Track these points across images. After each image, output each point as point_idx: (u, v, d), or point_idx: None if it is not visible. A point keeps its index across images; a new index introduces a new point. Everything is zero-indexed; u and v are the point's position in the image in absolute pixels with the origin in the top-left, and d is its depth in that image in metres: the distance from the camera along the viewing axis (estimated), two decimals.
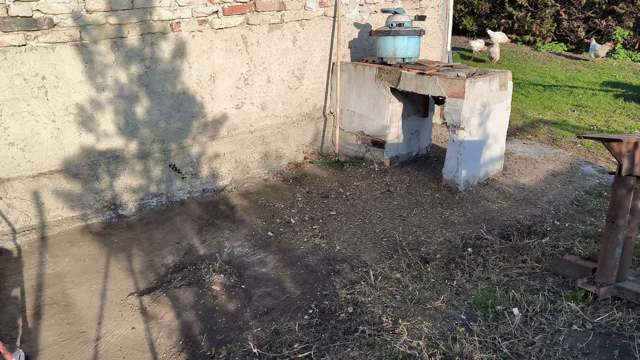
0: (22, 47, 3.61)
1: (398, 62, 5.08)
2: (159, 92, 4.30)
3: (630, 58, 10.53)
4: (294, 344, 2.71)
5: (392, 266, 3.51)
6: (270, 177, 5.08)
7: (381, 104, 5.13)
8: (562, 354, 2.42)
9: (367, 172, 5.19)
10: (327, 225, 4.14)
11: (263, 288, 3.32)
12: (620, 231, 2.77)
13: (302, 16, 5.10)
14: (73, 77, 3.86)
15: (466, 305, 2.92)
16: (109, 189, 4.20)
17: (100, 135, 4.10)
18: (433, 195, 4.68)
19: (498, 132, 4.97)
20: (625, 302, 2.80)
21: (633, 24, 11.08)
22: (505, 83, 4.85)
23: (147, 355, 2.73)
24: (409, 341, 2.58)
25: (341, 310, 3.00)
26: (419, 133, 5.56)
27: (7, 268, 3.52)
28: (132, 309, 3.10)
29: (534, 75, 9.32)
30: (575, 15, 11.70)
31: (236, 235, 3.98)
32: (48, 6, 3.64)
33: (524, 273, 3.27)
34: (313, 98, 5.45)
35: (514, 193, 4.72)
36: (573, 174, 5.17)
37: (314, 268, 3.55)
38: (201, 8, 4.36)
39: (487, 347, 2.51)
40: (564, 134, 6.26)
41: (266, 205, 4.48)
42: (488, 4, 12.71)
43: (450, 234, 3.99)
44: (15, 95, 3.67)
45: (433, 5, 6.38)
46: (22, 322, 2.97)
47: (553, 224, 4.00)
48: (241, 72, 4.77)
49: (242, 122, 4.90)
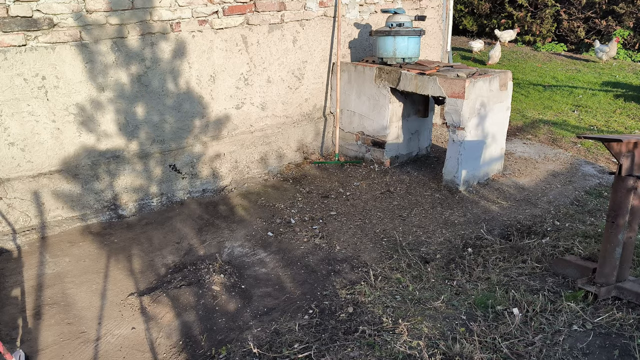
0: (22, 47, 3.61)
1: (398, 62, 5.08)
2: (159, 92, 4.30)
3: (630, 58, 10.54)
4: (294, 344, 2.71)
5: (392, 266, 3.50)
6: (270, 177, 5.08)
7: (381, 104, 5.13)
8: (562, 354, 2.42)
9: (367, 172, 5.19)
10: (327, 225, 4.14)
11: (263, 288, 3.32)
12: (621, 231, 2.77)
13: (302, 16, 5.10)
14: (73, 77, 3.86)
15: (466, 305, 2.92)
16: (109, 189, 4.20)
17: (100, 135, 4.11)
18: (433, 196, 4.68)
19: (498, 132, 4.97)
20: (625, 302, 2.80)
21: (633, 24, 11.08)
22: (505, 83, 4.85)
23: (147, 355, 2.73)
24: (409, 341, 2.58)
25: (341, 310, 3.00)
26: (419, 133, 5.56)
27: (7, 268, 3.52)
28: (132, 309, 3.10)
29: (534, 76, 9.32)
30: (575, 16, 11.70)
31: (236, 236, 3.98)
32: (48, 6, 3.64)
33: (524, 273, 3.27)
34: (313, 98, 5.45)
35: (514, 193, 4.72)
36: (573, 174, 5.17)
37: (314, 268, 3.55)
38: (201, 8, 4.36)
39: (487, 347, 2.51)
40: (564, 134, 6.26)
41: (266, 206, 4.48)
42: (488, 4, 12.71)
43: (450, 234, 3.99)
44: (16, 96, 3.67)
45: (433, 6, 6.38)
46: (22, 322, 2.97)
47: (553, 224, 4.00)
48: (241, 72, 4.77)
49: (242, 122, 4.90)
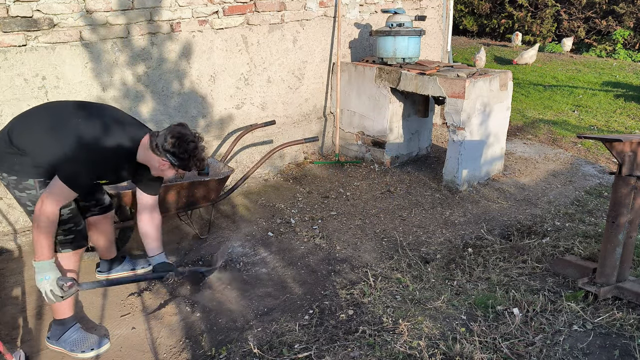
0: (22, 48, 3.61)
1: (398, 62, 5.08)
2: (159, 92, 4.30)
3: (630, 58, 10.54)
4: (294, 344, 2.71)
5: (393, 266, 3.51)
6: (270, 177, 5.08)
7: (381, 104, 5.13)
8: (562, 354, 2.42)
9: (367, 172, 5.19)
10: (327, 225, 4.15)
11: (263, 288, 3.33)
12: (621, 231, 2.77)
13: (303, 16, 5.10)
14: (73, 77, 3.86)
15: (466, 305, 2.92)
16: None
17: None
18: (433, 195, 4.68)
19: (498, 132, 4.97)
20: (625, 302, 2.80)
21: (633, 24, 11.08)
22: (506, 83, 4.85)
23: (148, 355, 2.73)
24: (409, 341, 2.58)
25: (341, 311, 3.00)
26: (419, 133, 5.56)
27: (8, 268, 3.52)
28: (132, 309, 3.10)
29: (534, 75, 9.32)
30: (575, 16, 11.70)
31: (236, 235, 3.98)
32: (48, 6, 3.64)
33: (525, 273, 3.27)
34: (313, 98, 5.45)
35: (514, 193, 4.72)
36: (573, 174, 5.17)
37: (314, 268, 3.55)
38: (201, 8, 4.36)
39: (487, 347, 2.51)
40: (564, 134, 6.26)
41: (266, 205, 4.48)
42: (488, 4, 12.71)
43: (450, 234, 3.99)
44: (16, 96, 3.67)
45: (433, 5, 6.38)
46: (22, 322, 2.97)
47: (553, 224, 4.00)
48: (241, 72, 4.77)
49: (242, 122, 4.90)
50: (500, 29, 12.78)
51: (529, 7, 12.12)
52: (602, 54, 10.93)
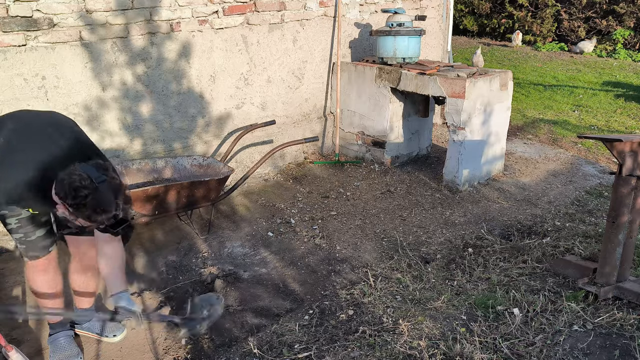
0: (22, 47, 3.61)
1: (398, 62, 5.07)
2: (159, 92, 4.30)
3: (630, 58, 10.53)
4: (294, 344, 2.70)
5: (393, 266, 3.50)
6: (270, 177, 5.08)
7: (381, 104, 5.13)
8: (562, 354, 2.42)
9: (367, 172, 5.19)
10: (327, 225, 4.14)
11: (263, 288, 3.32)
12: (621, 231, 2.77)
13: (303, 16, 5.09)
14: (73, 77, 3.86)
15: (467, 305, 2.92)
16: None
17: (101, 135, 4.10)
18: (433, 195, 4.68)
19: (499, 132, 4.97)
20: (625, 303, 2.79)
21: (634, 24, 11.07)
22: (506, 83, 4.85)
23: (148, 355, 2.73)
24: (409, 341, 2.58)
25: (341, 311, 3.00)
26: (420, 133, 5.55)
27: (8, 268, 3.51)
28: None
29: (535, 75, 9.31)
30: (575, 15, 11.69)
31: (236, 235, 3.98)
32: (48, 6, 3.64)
33: (525, 273, 3.27)
34: (313, 98, 5.45)
35: (514, 193, 4.72)
36: (574, 174, 5.16)
37: (314, 268, 3.55)
38: (201, 8, 4.36)
39: (487, 347, 2.50)
40: (565, 134, 6.25)
41: (267, 205, 4.48)
42: (488, 3, 12.70)
43: (450, 234, 3.98)
44: (16, 96, 3.66)
45: (433, 5, 6.38)
46: (22, 322, 2.96)
47: (554, 224, 4.00)
48: (241, 72, 4.77)
49: (242, 122, 4.90)
50: (500, 29, 12.77)
51: (529, 7, 12.11)
52: (603, 54, 10.93)
